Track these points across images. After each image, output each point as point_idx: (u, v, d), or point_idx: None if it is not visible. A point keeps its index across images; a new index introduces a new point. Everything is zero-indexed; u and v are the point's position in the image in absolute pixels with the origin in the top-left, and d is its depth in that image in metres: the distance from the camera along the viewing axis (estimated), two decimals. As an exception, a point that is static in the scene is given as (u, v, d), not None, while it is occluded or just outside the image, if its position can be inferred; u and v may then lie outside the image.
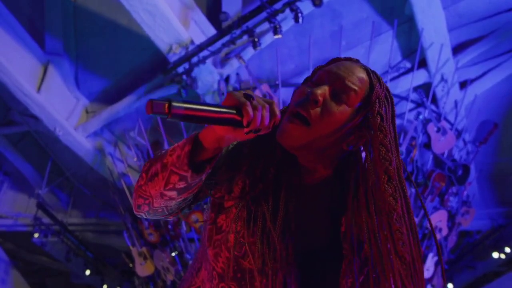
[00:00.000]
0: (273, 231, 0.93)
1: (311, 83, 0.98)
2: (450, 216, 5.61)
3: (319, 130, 0.93)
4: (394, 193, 0.94)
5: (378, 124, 0.95)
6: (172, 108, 0.74)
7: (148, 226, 5.56)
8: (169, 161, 0.87)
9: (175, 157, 0.86)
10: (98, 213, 7.96)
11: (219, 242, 1.01)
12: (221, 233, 1.01)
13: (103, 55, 5.94)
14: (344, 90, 0.93)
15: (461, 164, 5.30)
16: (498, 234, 7.57)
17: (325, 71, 0.96)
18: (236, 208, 0.97)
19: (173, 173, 0.87)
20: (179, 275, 5.40)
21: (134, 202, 0.99)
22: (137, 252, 5.70)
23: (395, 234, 0.91)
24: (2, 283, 8.60)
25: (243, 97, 0.80)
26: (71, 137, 5.95)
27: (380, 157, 0.93)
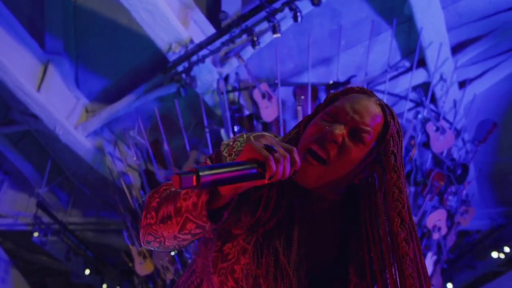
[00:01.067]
0: (287, 266, 0.94)
1: (326, 115, 0.96)
2: (449, 215, 5.62)
3: (336, 170, 0.94)
4: (406, 236, 0.95)
5: (392, 165, 0.96)
6: (200, 178, 0.74)
7: (148, 225, 5.58)
8: (184, 206, 0.86)
9: (191, 204, 0.85)
10: (98, 212, 7.98)
11: (224, 271, 1.00)
12: (227, 262, 1.00)
13: (102, 55, 5.96)
14: (360, 130, 0.94)
15: (460, 163, 5.32)
16: (498, 233, 7.58)
17: (342, 109, 0.95)
18: (243, 240, 0.97)
19: (190, 221, 0.87)
20: (178, 274, 5.41)
21: (142, 237, 0.99)
22: (137, 251, 5.72)
23: (408, 280, 0.92)
24: (2, 282, 8.62)
25: (265, 150, 0.80)
26: (71, 136, 5.97)
27: (393, 199, 0.94)
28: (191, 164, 4.99)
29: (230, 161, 0.87)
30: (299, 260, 0.96)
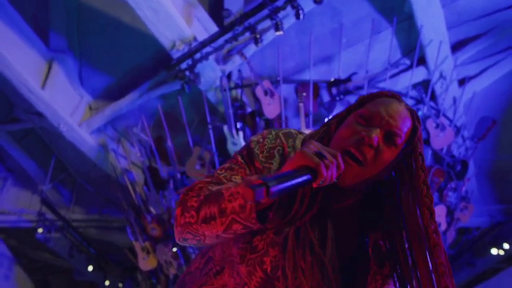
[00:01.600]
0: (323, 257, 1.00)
1: (360, 118, 1.02)
2: (449, 212, 5.69)
3: (371, 170, 1.01)
4: (436, 228, 1.02)
5: (420, 165, 1.04)
6: (270, 190, 0.80)
7: (151, 221, 5.65)
8: (229, 208, 0.90)
9: (238, 206, 0.89)
10: (101, 209, 8.05)
11: (253, 262, 1.05)
12: (255, 253, 1.05)
13: (106, 53, 6.02)
14: (394, 134, 1.00)
15: (460, 160, 5.38)
16: (497, 230, 7.63)
17: (377, 113, 1.01)
18: (273, 233, 1.01)
19: (236, 222, 0.91)
20: (182, 269, 5.48)
21: (179, 235, 1.02)
22: (140, 246, 5.79)
23: (440, 268, 0.98)
24: (5, 279, 8.69)
25: (316, 157, 0.86)
26: (75, 133, 6.03)
27: (423, 196, 1.02)
28: (195, 161, 5.06)
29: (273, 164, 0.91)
30: (332, 252, 1.02)
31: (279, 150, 1.04)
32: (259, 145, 1.05)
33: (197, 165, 5.06)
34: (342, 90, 4.82)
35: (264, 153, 1.03)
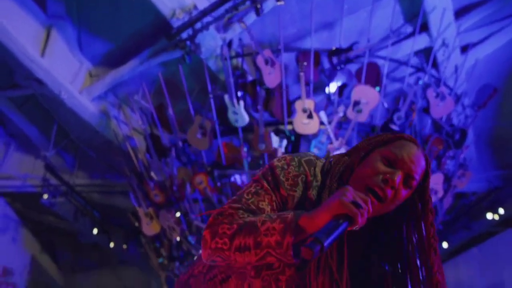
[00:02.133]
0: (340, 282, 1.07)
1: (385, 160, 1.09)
2: (446, 179, 5.82)
3: (388, 207, 1.10)
4: (440, 268, 1.12)
5: (429, 208, 1.14)
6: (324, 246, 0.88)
7: (154, 187, 5.80)
8: (265, 242, 0.96)
9: (274, 241, 0.94)
10: (103, 174, 8.20)
11: (268, 278, 1.11)
12: (271, 270, 1.11)
13: (105, 18, 5.96)
14: (412, 178, 1.09)
15: (459, 129, 5.45)
16: (494, 195, 7.81)
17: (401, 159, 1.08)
18: None
19: (271, 255, 0.97)
20: (184, 234, 5.69)
21: (209, 257, 1.05)
22: (144, 212, 5.97)
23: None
24: (12, 241, 8.99)
25: (354, 207, 0.94)
26: (76, 101, 6.08)
27: (430, 236, 1.13)
28: (196, 129, 5.13)
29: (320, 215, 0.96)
30: (347, 278, 1.09)
31: (303, 178, 1.10)
32: (284, 172, 1.11)
33: (198, 133, 5.15)
34: (343, 59, 4.83)
35: (289, 180, 1.09)
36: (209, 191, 5.29)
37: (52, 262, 11.06)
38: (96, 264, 13.12)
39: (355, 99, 4.82)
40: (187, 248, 5.85)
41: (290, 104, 5.14)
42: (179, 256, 5.99)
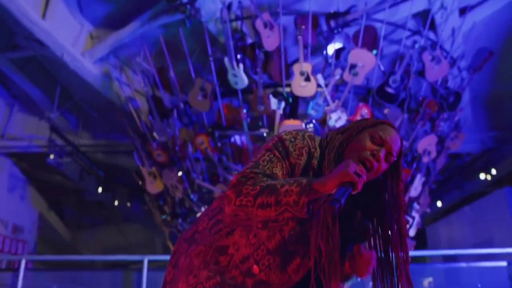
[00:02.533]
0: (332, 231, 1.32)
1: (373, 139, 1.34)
2: (440, 140, 6.02)
3: (373, 175, 1.34)
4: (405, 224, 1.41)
5: (401, 178, 1.40)
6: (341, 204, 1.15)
7: (157, 148, 6.01)
8: (284, 201, 1.18)
9: (292, 201, 1.17)
10: (107, 134, 8.42)
11: (273, 228, 1.35)
12: (276, 222, 1.35)
13: (104, -22, 6.00)
14: (391, 155, 1.34)
15: (453, 91, 5.60)
16: (487, 156, 8.05)
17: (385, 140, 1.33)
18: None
19: (288, 212, 1.19)
20: (186, 192, 5.95)
21: (232, 211, 1.27)
22: (147, 171, 6.21)
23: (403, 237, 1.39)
24: (21, 199, 9.33)
25: (356, 176, 1.18)
26: (79, 63, 6.20)
27: (400, 200, 1.39)
28: (197, 92, 5.29)
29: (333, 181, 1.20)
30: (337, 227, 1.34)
31: (306, 149, 1.33)
32: (292, 144, 1.32)
33: (199, 95, 5.31)
34: (340, 23, 4.92)
35: (296, 151, 1.31)
36: (210, 151, 5.51)
37: (59, 219, 11.48)
38: (101, 221, 13.61)
39: (351, 62, 4.95)
40: (189, 205, 6.13)
41: (289, 67, 5.27)
42: (182, 213, 6.29)
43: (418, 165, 5.82)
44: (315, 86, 5.00)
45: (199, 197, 5.93)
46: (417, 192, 5.96)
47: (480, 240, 8.03)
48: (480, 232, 8.18)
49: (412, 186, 5.80)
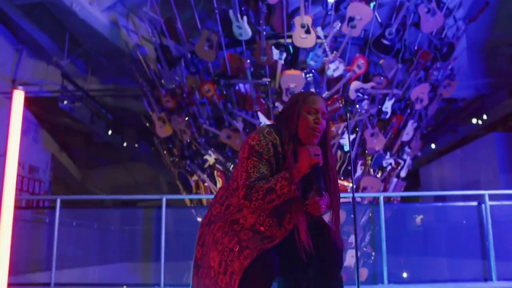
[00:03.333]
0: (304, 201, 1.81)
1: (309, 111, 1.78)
2: (433, 88, 6.44)
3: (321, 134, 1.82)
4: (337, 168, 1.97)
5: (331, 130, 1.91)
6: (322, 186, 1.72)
7: (165, 94, 6.46)
8: (281, 193, 1.68)
9: (287, 191, 1.67)
10: (115, 79, 8.81)
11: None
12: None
13: None
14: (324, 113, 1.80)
15: (447, 42, 5.94)
16: (480, 102, 8.49)
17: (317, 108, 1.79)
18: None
19: (286, 197, 1.69)
20: (194, 136, 6.47)
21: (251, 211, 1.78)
22: (157, 117, 6.70)
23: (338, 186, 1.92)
24: (35, 142, 9.90)
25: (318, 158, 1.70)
26: (87, 11, 6.49)
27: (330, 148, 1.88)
28: (203, 43, 5.65)
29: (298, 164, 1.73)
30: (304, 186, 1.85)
31: (270, 144, 1.77)
32: (259, 145, 1.75)
33: (205, 46, 5.68)
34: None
35: (265, 149, 1.75)
36: (216, 98, 5.97)
37: (70, 160, 12.14)
38: (109, 161, 14.32)
39: (350, 15, 5.28)
40: (196, 148, 6.69)
41: (290, 18, 5.60)
42: (189, 155, 6.85)
43: (411, 111, 6.28)
44: (315, 38, 5.36)
45: (206, 141, 6.45)
46: (409, 136, 6.47)
47: (468, 181, 8.66)
48: (468, 173, 8.80)
49: (404, 131, 6.30)
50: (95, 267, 4.23)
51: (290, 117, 1.82)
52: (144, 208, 4.32)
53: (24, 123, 8.18)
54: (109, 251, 4.27)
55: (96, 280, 4.21)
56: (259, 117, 5.76)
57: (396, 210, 4.94)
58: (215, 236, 1.78)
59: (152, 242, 4.07)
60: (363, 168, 6.20)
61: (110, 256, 4.28)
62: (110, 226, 4.42)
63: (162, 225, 4.00)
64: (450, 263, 4.19)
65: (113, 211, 5.28)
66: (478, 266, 3.98)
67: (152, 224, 4.11)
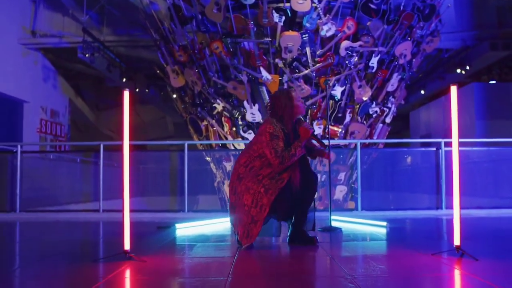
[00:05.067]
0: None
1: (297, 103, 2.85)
2: (417, 44, 7.38)
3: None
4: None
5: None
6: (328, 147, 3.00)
7: (178, 49, 7.42)
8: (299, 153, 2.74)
9: (300, 152, 2.74)
10: (128, 31, 9.70)
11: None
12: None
13: None
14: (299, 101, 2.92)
15: (429, 4, 6.81)
16: (465, 54, 9.40)
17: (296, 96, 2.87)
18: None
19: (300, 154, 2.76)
20: (205, 86, 7.52)
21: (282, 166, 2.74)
22: (171, 69, 7.71)
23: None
24: (54, 88, 10.95)
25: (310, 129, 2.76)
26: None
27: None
28: (212, 6, 6.55)
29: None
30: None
31: (279, 129, 2.79)
32: (275, 131, 2.76)
33: (214, 9, 6.58)
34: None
35: (278, 133, 2.76)
36: (223, 55, 6.95)
37: (84, 103, 13.25)
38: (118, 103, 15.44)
39: (341, -16, 6.14)
40: (206, 96, 7.75)
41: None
42: (200, 102, 7.92)
43: (396, 65, 7.27)
44: (310, 3, 6.27)
45: (215, 91, 7.51)
46: (394, 87, 7.51)
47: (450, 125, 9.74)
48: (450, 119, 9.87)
49: (389, 83, 7.34)
50: (134, 198, 5.48)
51: (288, 113, 2.86)
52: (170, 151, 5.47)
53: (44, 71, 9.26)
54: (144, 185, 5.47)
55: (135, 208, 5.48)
56: (261, 71, 6.78)
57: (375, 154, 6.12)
58: (247, 185, 2.77)
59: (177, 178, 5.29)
60: (351, 115, 7.31)
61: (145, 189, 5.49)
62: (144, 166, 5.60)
63: (185, 164, 5.19)
64: (411, 196, 5.42)
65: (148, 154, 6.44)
66: (432, 199, 5.20)
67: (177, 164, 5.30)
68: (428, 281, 1.88)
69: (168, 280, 1.93)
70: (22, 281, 1.97)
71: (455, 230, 2.40)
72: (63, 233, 3.95)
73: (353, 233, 3.50)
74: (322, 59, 6.70)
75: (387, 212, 5.17)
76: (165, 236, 3.41)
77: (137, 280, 1.95)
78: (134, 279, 1.97)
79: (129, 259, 2.27)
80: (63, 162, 6.30)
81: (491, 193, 5.32)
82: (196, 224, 3.97)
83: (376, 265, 2.20)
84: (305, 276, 2.08)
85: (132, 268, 2.13)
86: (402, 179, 5.58)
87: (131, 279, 1.97)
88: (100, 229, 4.23)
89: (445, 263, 2.21)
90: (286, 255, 2.67)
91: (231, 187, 2.87)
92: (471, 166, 5.47)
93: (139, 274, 2.04)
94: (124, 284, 1.89)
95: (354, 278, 1.87)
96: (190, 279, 1.98)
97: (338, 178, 7.30)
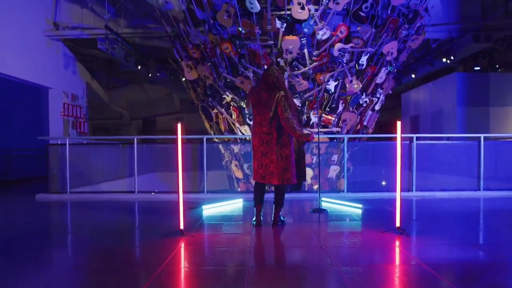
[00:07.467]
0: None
1: (291, 96, 4.15)
2: (403, 41, 8.55)
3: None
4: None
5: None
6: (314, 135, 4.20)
7: (192, 47, 8.61)
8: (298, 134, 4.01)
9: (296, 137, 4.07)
10: (143, 22, 10.81)
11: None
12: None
13: None
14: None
15: (412, 10, 7.95)
16: (450, 45, 10.54)
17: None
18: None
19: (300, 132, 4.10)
20: (215, 80, 8.75)
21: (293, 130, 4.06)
22: (185, 64, 8.92)
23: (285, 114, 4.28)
24: (73, 74, 12.13)
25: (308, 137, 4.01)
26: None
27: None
28: (223, 13, 7.71)
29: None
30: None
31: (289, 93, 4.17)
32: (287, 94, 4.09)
33: (225, 15, 7.75)
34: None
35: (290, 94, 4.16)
36: (232, 54, 8.15)
37: (99, 85, 14.46)
38: (127, 81, 16.65)
39: (335, -4, 7.28)
40: (216, 88, 8.98)
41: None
42: (212, 93, 9.17)
43: (383, 61, 8.47)
44: (308, 12, 7.43)
45: (224, 84, 8.74)
46: (382, 80, 8.74)
47: (434, 110, 11.04)
48: (435, 103, 11.14)
49: (378, 76, 8.56)
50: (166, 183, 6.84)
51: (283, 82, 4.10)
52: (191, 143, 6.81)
53: (65, 59, 10.51)
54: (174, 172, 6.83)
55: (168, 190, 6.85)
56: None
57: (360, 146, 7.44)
58: (272, 148, 4.08)
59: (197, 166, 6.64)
60: (343, 105, 8.57)
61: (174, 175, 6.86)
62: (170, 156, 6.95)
63: (204, 155, 6.52)
64: (388, 180, 6.78)
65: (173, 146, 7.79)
66: (405, 182, 6.56)
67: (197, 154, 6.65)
68: (368, 251, 3.24)
69: (215, 248, 3.30)
70: (127, 250, 3.34)
71: (396, 213, 3.76)
72: (118, 215, 5.32)
73: (335, 214, 4.87)
74: (318, 58, 7.91)
75: (368, 193, 6.53)
76: (197, 215, 4.78)
77: (196, 249, 3.32)
78: (193, 249, 3.33)
79: (183, 235, 3.64)
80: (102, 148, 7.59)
81: (454, 178, 6.67)
82: (217, 205, 5.36)
83: (343, 239, 3.57)
84: (295, 247, 3.45)
85: (188, 242, 3.49)
86: (380, 166, 6.92)
87: (193, 248, 3.34)
88: (143, 210, 5.61)
89: (386, 240, 3.57)
90: (285, 231, 4.04)
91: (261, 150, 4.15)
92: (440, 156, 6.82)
93: (195, 245, 3.40)
94: (190, 251, 3.26)
95: (326, 247, 3.24)
96: (227, 248, 3.34)
97: (332, 159, 8.66)
